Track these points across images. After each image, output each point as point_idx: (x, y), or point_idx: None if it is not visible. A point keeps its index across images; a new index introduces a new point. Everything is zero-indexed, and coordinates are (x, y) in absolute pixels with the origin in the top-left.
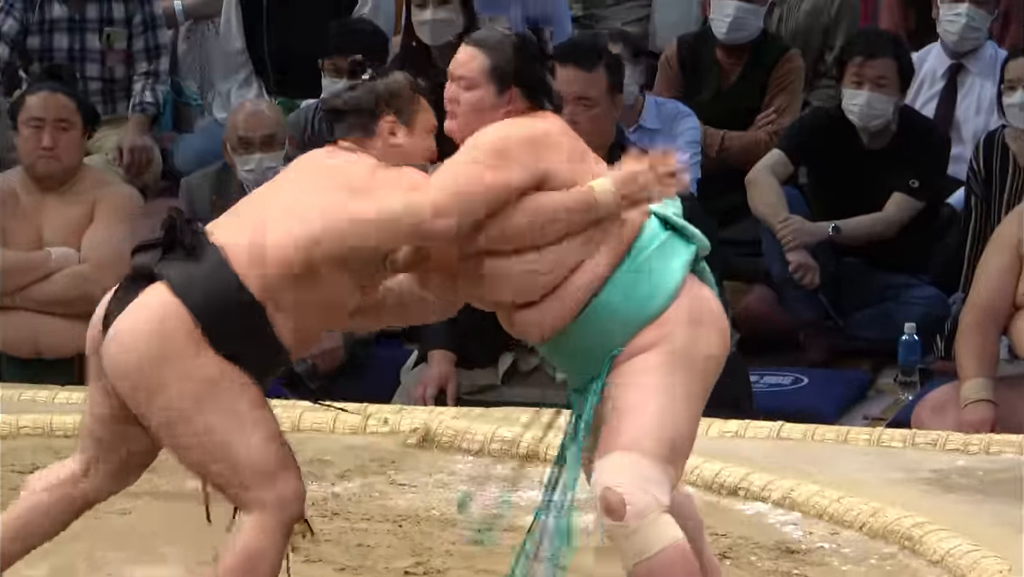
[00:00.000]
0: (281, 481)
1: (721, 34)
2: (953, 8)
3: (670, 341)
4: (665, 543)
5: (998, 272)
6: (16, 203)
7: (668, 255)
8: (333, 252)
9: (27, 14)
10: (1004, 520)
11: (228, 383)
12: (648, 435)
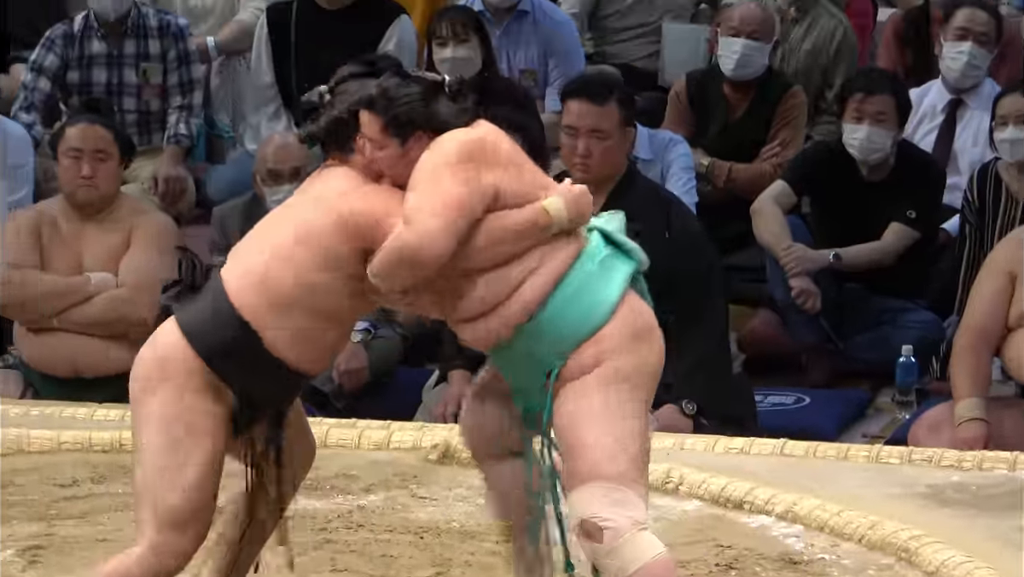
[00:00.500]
0: (181, 533)
1: (729, 70)
2: (956, 47)
3: (612, 359)
4: (645, 559)
5: (991, 296)
6: (57, 230)
7: (609, 271)
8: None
9: (67, 50)
10: (996, 534)
11: (189, 426)
12: (606, 460)
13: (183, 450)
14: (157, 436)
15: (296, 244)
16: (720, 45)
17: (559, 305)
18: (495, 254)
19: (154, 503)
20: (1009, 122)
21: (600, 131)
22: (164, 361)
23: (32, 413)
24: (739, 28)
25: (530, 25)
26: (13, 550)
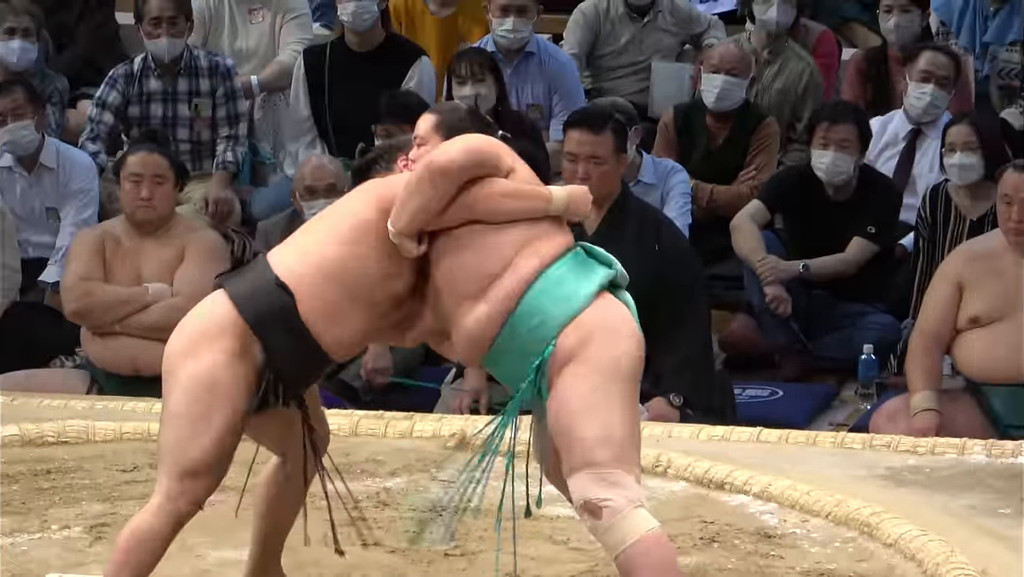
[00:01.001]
0: (196, 482)
1: (710, 103)
2: (920, 88)
3: (594, 346)
4: (641, 532)
5: (941, 302)
6: (119, 246)
7: (588, 269)
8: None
9: (128, 87)
10: (948, 510)
11: (212, 386)
12: (597, 448)
13: (206, 408)
14: (183, 396)
15: (337, 224)
16: (703, 80)
17: (540, 292)
18: (497, 206)
19: (174, 456)
20: (957, 149)
21: (597, 157)
22: (205, 325)
23: (97, 407)
24: (719, 65)
25: (536, 65)
26: (81, 527)
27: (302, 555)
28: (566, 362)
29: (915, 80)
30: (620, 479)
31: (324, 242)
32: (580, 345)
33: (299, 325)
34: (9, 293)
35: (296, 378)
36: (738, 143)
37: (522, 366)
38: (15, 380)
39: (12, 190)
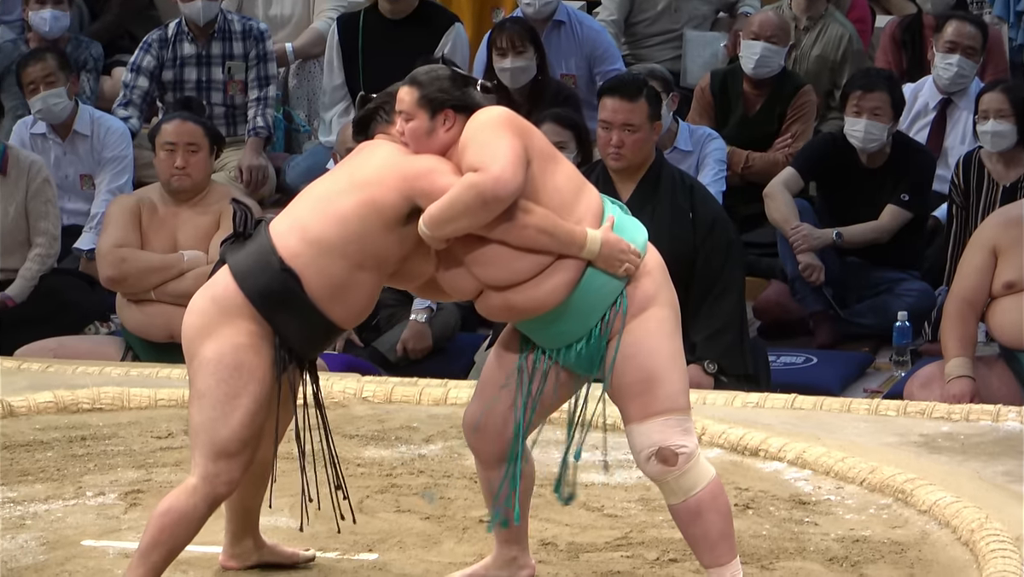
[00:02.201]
0: (231, 463)
1: (749, 69)
2: (946, 58)
3: (663, 292)
4: (709, 478)
5: (976, 268)
6: (155, 213)
7: (628, 218)
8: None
9: (162, 52)
10: (982, 477)
11: (238, 367)
12: (678, 394)
13: (233, 389)
14: (210, 377)
15: (343, 195)
16: (742, 47)
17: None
18: (524, 238)
19: (207, 437)
20: (990, 116)
21: (631, 125)
22: (216, 304)
23: (132, 373)
24: (759, 32)
25: (568, 34)
26: (116, 494)
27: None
28: (645, 306)
29: (942, 51)
30: (691, 426)
31: (327, 215)
32: (656, 289)
33: (308, 304)
34: (47, 261)
35: (309, 349)
36: (775, 110)
37: (581, 325)
38: (50, 347)
39: (46, 157)
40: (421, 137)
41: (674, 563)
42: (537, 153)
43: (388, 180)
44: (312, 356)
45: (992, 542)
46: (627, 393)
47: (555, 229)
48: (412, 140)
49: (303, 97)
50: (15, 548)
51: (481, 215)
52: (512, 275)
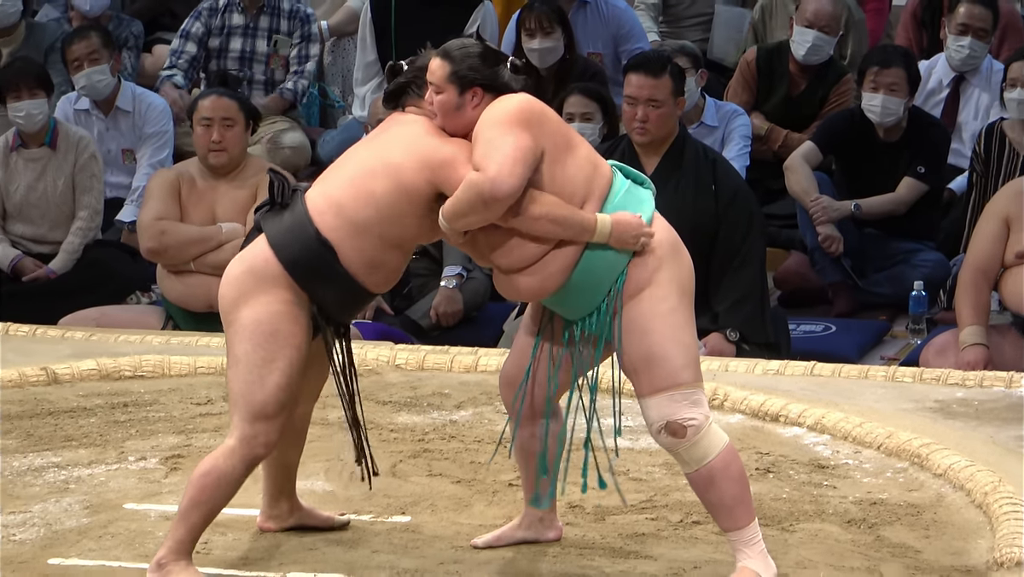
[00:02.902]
0: (268, 425)
1: (800, 55)
2: (958, 40)
3: (667, 268)
4: (720, 446)
5: (989, 238)
6: (193, 187)
7: (637, 195)
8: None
9: (211, 20)
10: (996, 441)
11: (274, 333)
12: (682, 369)
13: (270, 354)
14: (247, 343)
15: (375, 177)
16: (794, 32)
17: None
18: (536, 229)
19: (245, 401)
20: (1018, 84)
21: (655, 100)
22: (252, 273)
23: (172, 342)
24: (813, 21)
25: (594, 13)
26: (157, 459)
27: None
28: (642, 286)
29: (954, 32)
30: (700, 396)
31: (360, 196)
32: (656, 267)
33: (342, 273)
34: (89, 234)
35: (343, 314)
36: (816, 94)
37: (590, 299)
38: (93, 316)
39: (89, 132)
40: (449, 111)
41: (697, 525)
42: (551, 144)
43: (415, 166)
44: (346, 321)
45: (1005, 505)
46: (632, 369)
47: (567, 219)
48: (440, 113)
49: (337, 74)
50: (59, 511)
51: (484, 213)
52: (519, 261)
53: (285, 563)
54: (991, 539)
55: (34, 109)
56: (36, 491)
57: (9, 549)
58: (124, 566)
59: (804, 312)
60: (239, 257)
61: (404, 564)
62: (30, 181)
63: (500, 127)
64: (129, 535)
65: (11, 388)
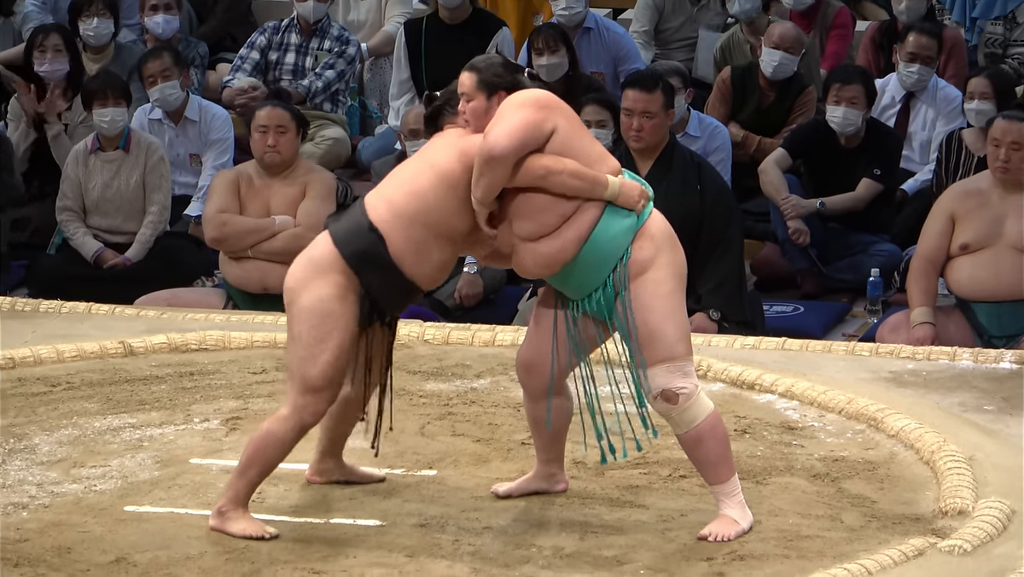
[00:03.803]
0: (317, 397)
1: (768, 73)
2: (908, 67)
3: (664, 255)
4: (707, 412)
5: (936, 232)
6: (251, 184)
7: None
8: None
9: (273, 36)
10: (940, 407)
11: (328, 314)
12: (675, 343)
13: (322, 334)
14: (303, 324)
15: (421, 174)
16: (763, 53)
17: (610, 214)
18: (558, 183)
19: (299, 375)
20: (975, 97)
21: (649, 112)
22: (315, 261)
23: (232, 319)
24: (778, 43)
25: (596, 37)
26: (219, 420)
27: (402, 444)
28: (644, 268)
29: (904, 60)
30: (690, 368)
31: (410, 191)
32: (656, 253)
33: (390, 262)
34: (159, 226)
35: (391, 304)
36: (783, 105)
37: (596, 276)
38: (164, 297)
39: (161, 139)
40: (480, 115)
41: (683, 479)
42: (563, 123)
43: (452, 155)
44: (394, 312)
45: (949, 461)
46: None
47: (584, 174)
48: (472, 118)
49: (375, 89)
50: (135, 465)
51: (490, 172)
52: (540, 227)
53: (329, 510)
54: (937, 491)
55: (117, 116)
56: (114, 448)
57: (91, 498)
58: (190, 513)
59: (776, 295)
60: (304, 251)
61: (431, 512)
62: (106, 180)
63: (512, 106)
64: (194, 486)
65: (93, 359)
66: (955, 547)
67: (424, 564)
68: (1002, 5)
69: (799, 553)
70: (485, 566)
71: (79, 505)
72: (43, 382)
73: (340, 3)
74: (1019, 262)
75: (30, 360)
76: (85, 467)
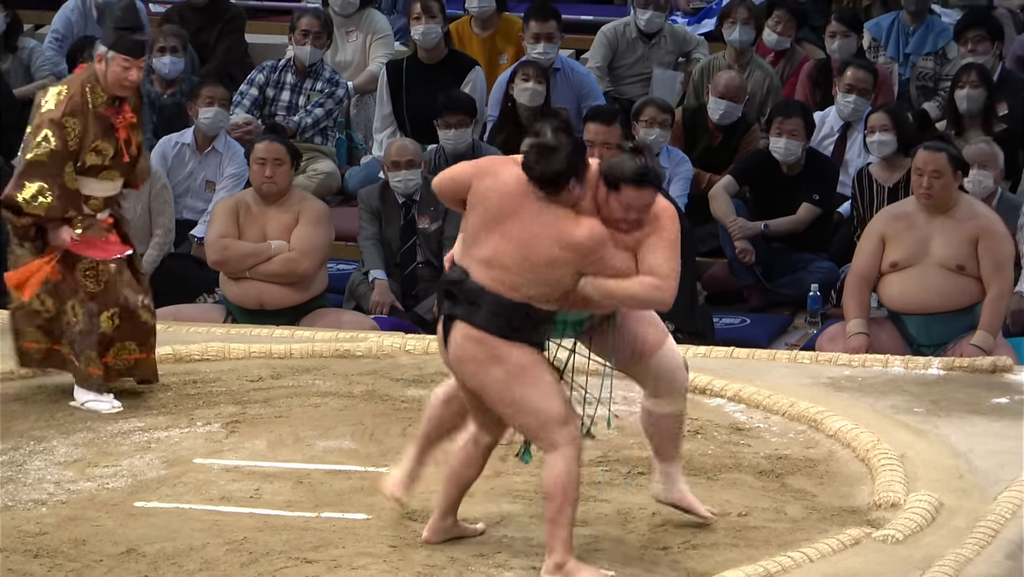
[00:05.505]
0: (567, 427)
1: (715, 119)
2: (846, 97)
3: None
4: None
5: (868, 253)
6: (249, 211)
7: None
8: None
9: (271, 75)
10: (874, 409)
11: (526, 367)
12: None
13: (535, 382)
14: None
15: (546, 267)
16: (710, 102)
17: None
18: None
19: (540, 421)
20: (876, 130)
21: (609, 143)
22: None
23: (231, 332)
24: (724, 93)
25: (563, 77)
26: (219, 424)
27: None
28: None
29: (842, 91)
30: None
31: (538, 284)
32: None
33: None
34: (164, 248)
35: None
36: (731, 144)
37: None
38: (169, 312)
39: (182, 163)
40: (600, 204)
41: (641, 475)
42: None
43: (568, 260)
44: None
45: (883, 459)
46: (638, 335)
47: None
48: (602, 206)
49: (361, 122)
50: (143, 464)
51: (642, 308)
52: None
53: (319, 505)
54: (872, 486)
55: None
56: (124, 449)
57: (103, 495)
58: (193, 508)
59: (725, 308)
60: (478, 350)
61: (413, 506)
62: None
63: (670, 242)
64: (197, 484)
65: None
66: (888, 536)
67: (407, 553)
68: (933, 41)
69: (747, 542)
70: (461, 555)
71: (93, 501)
72: (60, 390)
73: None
74: (944, 278)
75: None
76: (98, 467)
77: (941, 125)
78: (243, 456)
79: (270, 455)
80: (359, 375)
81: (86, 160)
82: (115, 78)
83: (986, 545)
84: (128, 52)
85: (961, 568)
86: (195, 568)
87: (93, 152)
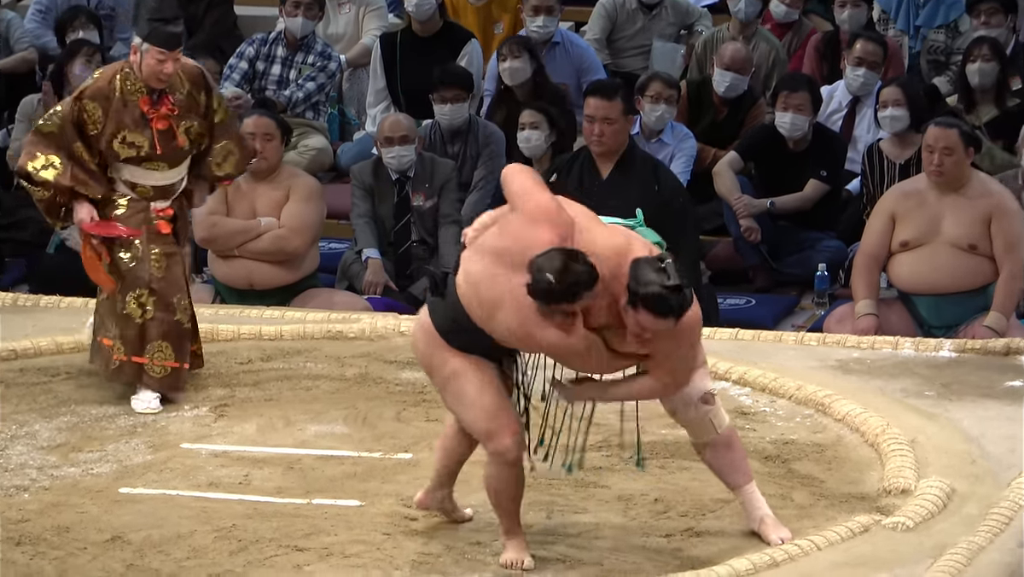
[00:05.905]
0: (491, 442)
1: (720, 92)
2: (855, 71)
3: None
4: (727, 419)
5: (878, 231)
6: (238, 188)
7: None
8: None
9: (261, 48)
10: (884, 392)
11: (459, 375)
12: (701, 349)
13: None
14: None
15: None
16: (715, 74)
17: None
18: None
19: (474, 430)
20: (888, 105)
21: (609, 119)
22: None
23: (220, 313)
24: (729, 65)
25: (562, 51)
26: (207, 408)
27: (380, 429)
28: None
29: (851, 64)
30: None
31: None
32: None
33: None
34: None
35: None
36: (736, 118)
37: None
38: None
39: None
40: (624, 317)
41: (643, 460)
42: None
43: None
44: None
45: (892, 444)
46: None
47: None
48: (628, 323)
49: (354, 97)
50: (129, 449)
51: (645, 397)
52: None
53: (311, 491)
54: (881, 471)
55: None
56: (110, 434)
57: (88, 481)
58: (180, 494)
59: (730, 288)
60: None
61: (408, 492)
62: None
63: (692, 348)
64: (184, 469)
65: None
66: (898, 524)
67: (400, 542)
68: (944, 14)
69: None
70: (457, 543)
71: (77, 487)
72: (43, 372)
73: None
74: (956, 257)
75: (31, 352)
76: (83, 452)
77: (952, 100)
78: (232, 441)
79: (260, 440)
80: (352, 357)
81: (119, 152)
82: (149, 71)
83: (999, 532)
84: (163, 44)
85: (974, 556)
86: (182, 556)
87: (123, 144)
